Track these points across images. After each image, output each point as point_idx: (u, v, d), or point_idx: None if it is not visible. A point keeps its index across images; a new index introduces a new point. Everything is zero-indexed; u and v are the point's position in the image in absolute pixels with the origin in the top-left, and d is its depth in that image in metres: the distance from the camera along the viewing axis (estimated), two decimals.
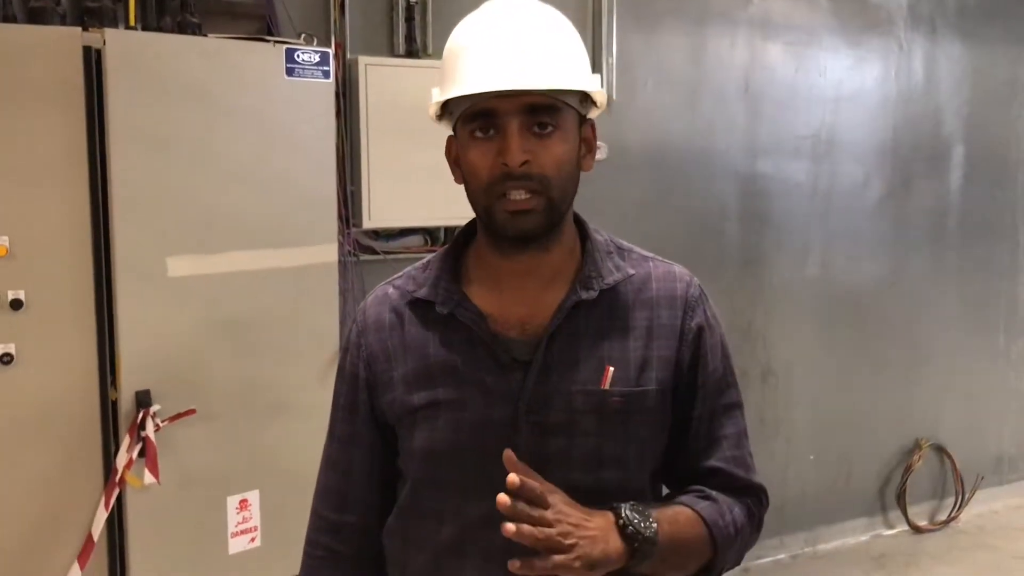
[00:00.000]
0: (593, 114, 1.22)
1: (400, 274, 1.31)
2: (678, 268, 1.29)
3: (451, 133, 1.22)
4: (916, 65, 3.99)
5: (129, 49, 2.18)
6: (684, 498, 1.23)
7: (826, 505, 4.00)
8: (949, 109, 4.11)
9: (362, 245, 2.84)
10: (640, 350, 1.21)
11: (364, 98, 2.72)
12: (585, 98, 1.19)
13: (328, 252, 2.48)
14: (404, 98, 2.75)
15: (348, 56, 2.79)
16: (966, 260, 4.26)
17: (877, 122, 3.94)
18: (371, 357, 1.25)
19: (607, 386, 1.19)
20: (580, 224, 1.27)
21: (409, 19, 2.88)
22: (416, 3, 2.88)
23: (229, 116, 2.30)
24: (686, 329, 1.24)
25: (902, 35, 3.93)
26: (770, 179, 3.71)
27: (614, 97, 3.24)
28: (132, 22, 2.36)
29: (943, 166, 4.15)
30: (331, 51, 2.46)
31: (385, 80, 2.75)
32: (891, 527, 4.23)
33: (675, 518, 1.18)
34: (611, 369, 1.19)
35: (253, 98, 2.33)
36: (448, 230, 3.00)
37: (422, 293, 1.24)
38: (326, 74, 2.42)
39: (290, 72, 2.37)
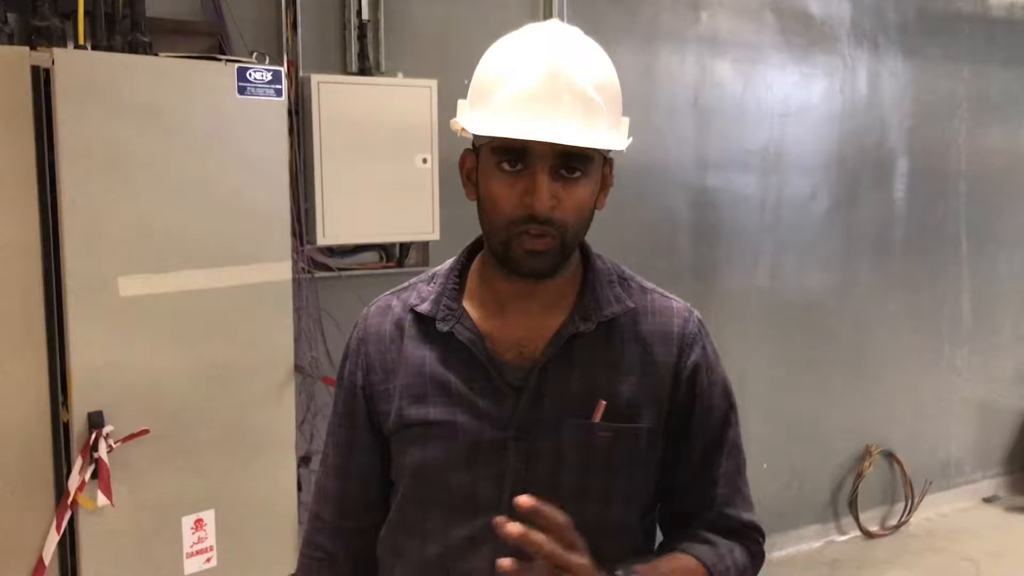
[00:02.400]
0: (614, 152, 1.20)
1: (406, 284, 1.31)
2: (677, 303, 1.28)
3: (469, 148, 1.21)
4: (860, 80, 4.09)
5: (78, 68, 2.16)
6: (684, 544, 1.23)
7: (779, 513, 4.05)
8: (892, 123, 4.22)
9: (316, 262, 2.84)
10: (633, 386, 1.21)
11: (317, 115, 2.73)
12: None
13: (282, 270, 2.48)
14: (357, 115, 2.76)
15: (301, 74, 2.79)
16: (911, 270, 4.36)
17: (823, 136, 4.03)
18: (369, 367, 1.26)
19: (598, 420, 1.18)
20: (583, 249, 1.26)
21: (362, 37, 2.89)
22: (368, 21, 2.90)
23: (181, 135, 2.29)
24: (681, 367, 1.23)
25: (846, 51, 4.03)
26: (720, 192, 3.77)
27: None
28: (81, 41, 2.34)
29: (887, 179, 4.25)
30: (283, 69, 2.46)
31: (338, 97, 2.76)
32: (843, 533, 4.30)
33: (672, 568, 1.18)
34: (603, 404, 1.18)
35: (205, 117, 2.32)
36: (403, 246, 3.01)
37: (423, 308, 1.23)
38: (278, 92, 2.42)
39: (242, 90, 2.37)
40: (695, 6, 3.64)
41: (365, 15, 2.90)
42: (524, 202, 1.12)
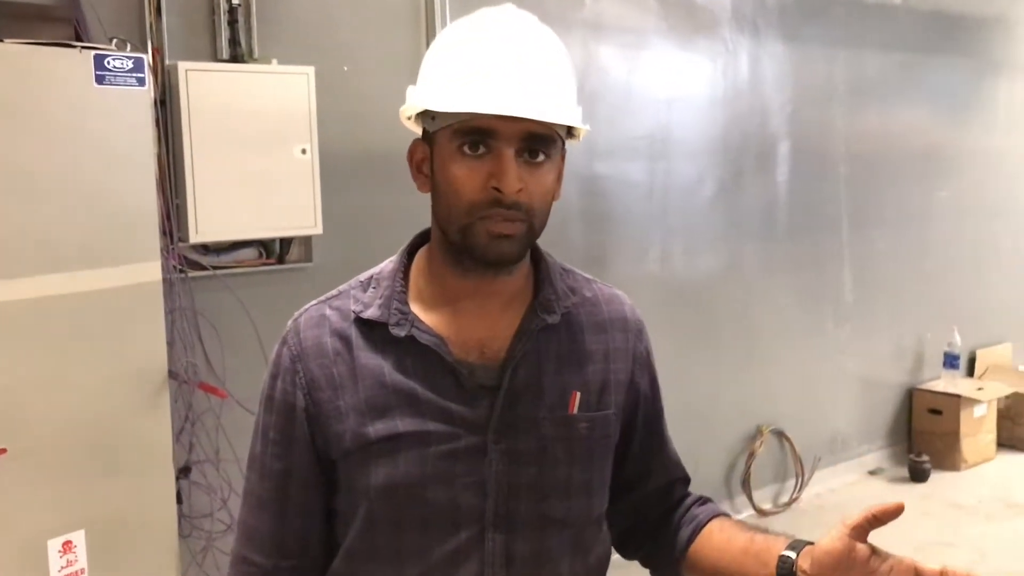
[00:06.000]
0: (570, 143, 1.18)
1: (334, 293, 1.21)
2: (618, 291, 1.30)
3: (418, 138, 1.16)
4: (742, 65, 4.14)
5: None
6: (725, 519, 1.29)
7: None
8: (773, 107, 4.29)
9: (190, 261, 2.69)
10: (600, 374, 1.20)
11: (186, 105, 2.57)
12: (568, 130, 1.15)
13: (151, 271, 2.33)
14: (230, 105, 2.61)
15: (167, 62, 2.63)
16: (795, 252, 4.46)
17: (708, 121, 4.06)
18: (311, 385, 1.15)
19: (574, 411, 1.16)
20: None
21: (232, 22, 2.74)
22: (239, 5, 2.75)
23: (34, 128, 2.13)
24: (638, 352, 1.26)
25: (728, 36, 4.07)
26: (609, 179, 3.76)
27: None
28: None
29: (770, 162, 4.33)
30: (146, 57, 2.31)
31: (208, 86, 2.61)
32: (738, 512, 4.37)
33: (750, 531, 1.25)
34: (578, 394, 1.17)
35: (60, 109, 2.16)
36: (284, 241, 2.88)
37: (371, 314, 1.15)
38: (141, 81, 2.27)
39: (100, 80, 2.21)
40: None
41: None
42: (489, 186, 1.07)
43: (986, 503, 4.38)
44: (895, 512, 1.05)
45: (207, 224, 2.63)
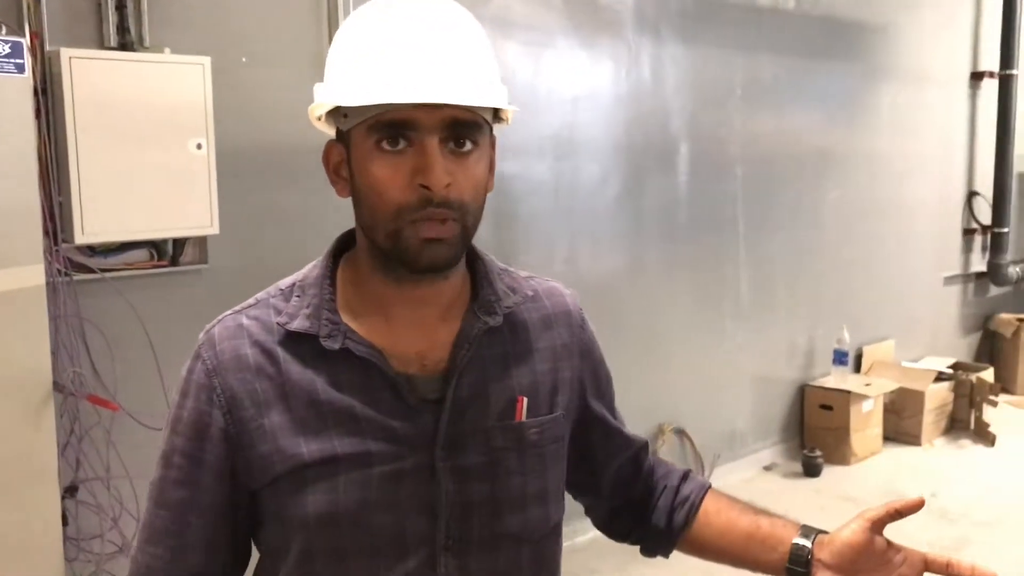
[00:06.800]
0: (497, 128, 1.08)
1: (250, 302, 1.10)
2: (556, 283, 1.23)
3: (332, 139, 1.05)
4: (644, 66, 4.15)
5: None
6: (718, 497, 1.26)
7: None
8: (674, 109, 4.31)
9: (75, 263, 2.50)
10: (548, 374, 1.13)
11: (70, 96, 2.39)
12: (495, 113, 1.06)
13: (33, 274, 2.15)
14: (118, 96, 2.44)
15: (48, 48, 2.43)
16: (696, 252, 4.50)
17: (611, 122, 4.05)
18: (232, 402, 1.03)
19: (523, 418, 1.09)
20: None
21: (120, 7, 2.56)
22: None
23: None
24: (584, 344, 1.20)
25: (630, 37, 4.07)
26: (517, 179, 3.71)
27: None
28: None
29: (671, 163, 4.35)
30: (25, 41, 2.13)
31: (94, 75, 2.42)
32: None
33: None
34: (524, 400, 1.09)
35: None
36: (178, 242, 2.72)
37: (298, 325, 1.04)
38: (20, 68, 2.09)
39: None
40: None
41: None
42: (415, 183, 0.97)
43: (876, 495, 4.51)
44: (916, 507, 1.09)
45: (94, 224, 2.45)
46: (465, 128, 1.00)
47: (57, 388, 2.25)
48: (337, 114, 1.02)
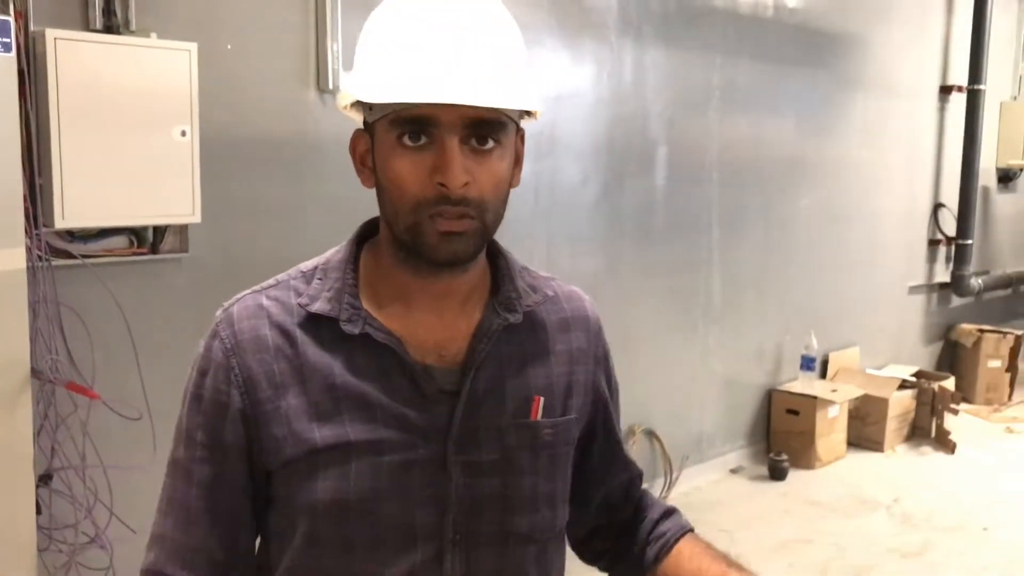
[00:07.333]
0: (525, 123, 1.08)
1: (270, 283, 1.09)
2: (576, 287, 1.23)
3: (360, 128, 1.05)
4: (626, 68, 4.17)
5: None
6: (694, 540, 1.24)
7: None
8: (654, 111, 4.33)
9: (55, 248, 2.45)
10: (564, 376, 1.13)
11: (54, 77, 2.34)
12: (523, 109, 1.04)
13: (14, 258, 2.11)
14: (103, 79, 2.40)
15: (32, 28, 2.39)
16: (670, 255, 4.52)
17: (593, 122, 4.06)
18: (249, 382, 1.03)
19: (538, 417, 1.08)
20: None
21: None
22: None
23: None
24: (599, 353, 1.20)
25: (613, 38, 4.08)
26: None
27: (340, 88, 3.06)
28: None
29: (649, 166, 4.37)
30: (10, 19, 2.09)
31: (79, 58, 2.38)
32: None
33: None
34: (540, 399, 1.09)
35: None
36: (158, 229, 2.68)
37: (319, 307, 1.04)
38: (6, 47, 2.05)
39: None
40: None
41: None
42: (433, 180, 0.97)
43: (841, 500, 4.57)
44: None
45: (74, 208, 2.40)
46: (487, 127, 0.99)
47: (35, 374, 2.21)
48: (363, 104, 1.02)
